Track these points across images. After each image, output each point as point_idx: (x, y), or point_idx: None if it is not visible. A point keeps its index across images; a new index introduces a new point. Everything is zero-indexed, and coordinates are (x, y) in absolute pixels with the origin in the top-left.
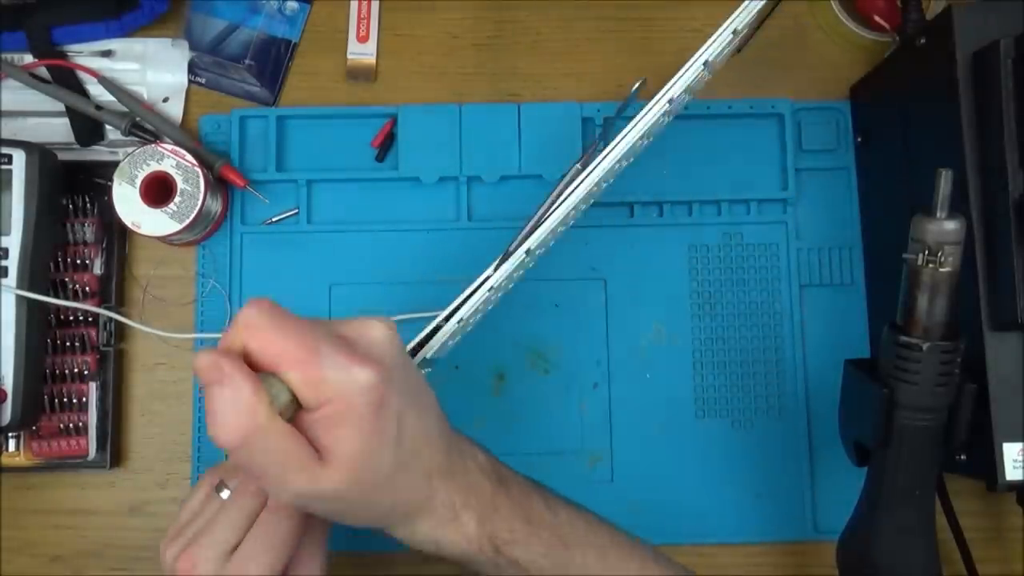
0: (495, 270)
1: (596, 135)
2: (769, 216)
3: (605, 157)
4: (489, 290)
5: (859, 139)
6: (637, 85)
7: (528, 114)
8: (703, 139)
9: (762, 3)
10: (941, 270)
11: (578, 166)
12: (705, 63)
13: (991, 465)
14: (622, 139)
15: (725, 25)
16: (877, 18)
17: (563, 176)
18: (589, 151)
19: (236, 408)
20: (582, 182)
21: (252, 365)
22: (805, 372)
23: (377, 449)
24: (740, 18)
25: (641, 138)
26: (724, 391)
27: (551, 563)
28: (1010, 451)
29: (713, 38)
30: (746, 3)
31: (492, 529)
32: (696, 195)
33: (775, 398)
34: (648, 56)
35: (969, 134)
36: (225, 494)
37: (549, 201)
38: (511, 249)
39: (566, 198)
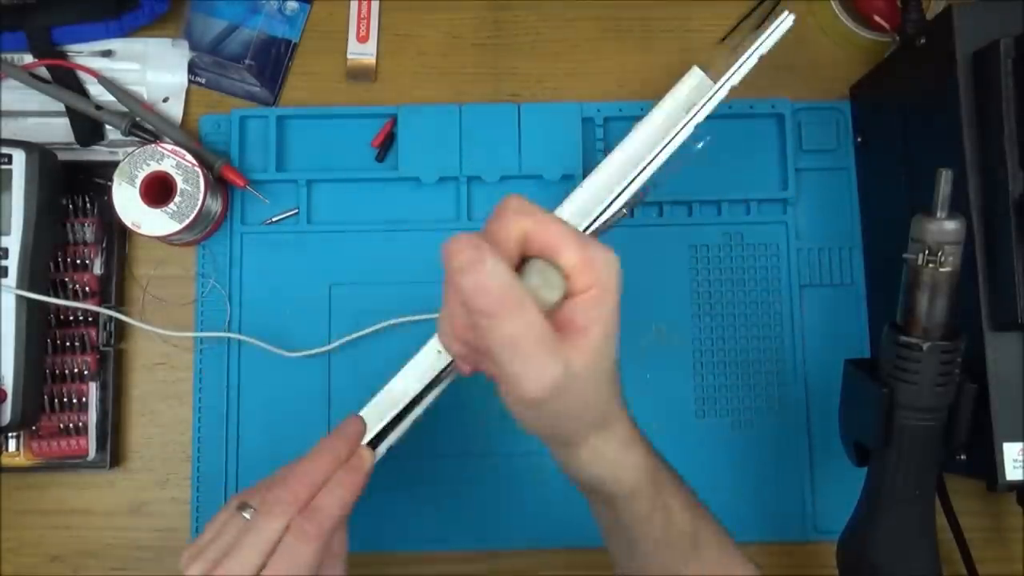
0: None
1: (599, 133)
2: (769, 216)
3: (633, 181)
4: None
5: (859, 139)
6: (701, 144)
7: (528, 114)
8: (704, 146)
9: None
10: (941, 270)
11: (624, 211)
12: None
13: (991, 465)
14: (650, 165)
15: (752, 52)
16: (877, 18)
17: (612, 218)
18: (631, 202)
19: (506, 279)
20: (611, 206)
21: (525, 248)
22: (805, 372)
23: (614, 334)
24: (767, 44)
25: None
26: (724, 391)
27: (689, 518)
28: (1010, 451)
29: (739, 63)
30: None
31: (655, 464)
32: (696, 195)
33: (775, 398)
34: (648, 56)
35: (969, 134)
36: (248, 514)
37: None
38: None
39: (594, 225)
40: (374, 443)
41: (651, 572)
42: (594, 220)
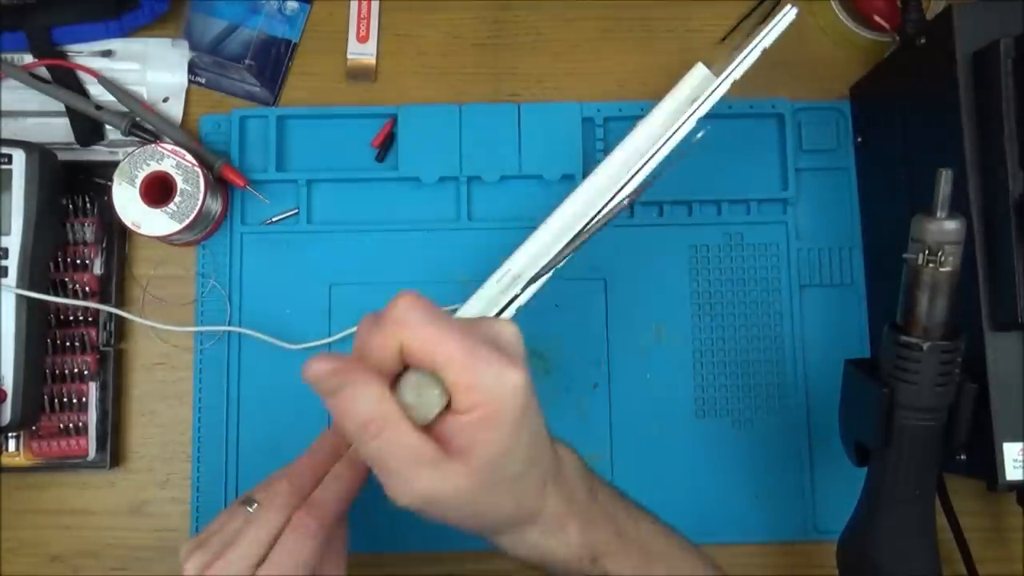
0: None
1: (599, 133)
2: (769, 216)
3: (634, 176)
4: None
5: (859, 139)
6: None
7: (528, 114)
8: (703, 139)
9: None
10: (941, 270)
11: (625, 202)
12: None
13: (991, 465)
14: (652, 159)
15: (755, 46)
16: (877, 18)
17: (609, 212)
18: (632, 195)
19: (369, 404)
20: (610, 203)
21: (404, 360)
22: (805, 372)
23: (512, 451)
24: (769, 38)
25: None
26: (724, 391)
27: None
28: (1010, 451)
29: (740, 58)
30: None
31: (591, 539)
32: (696, 195)
33: (775, 398)
34: (648, 56)
35: (969, 134)
36: (252, 508)
37: (584, 234)
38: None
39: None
40: None
41: None
42: (595, 215)
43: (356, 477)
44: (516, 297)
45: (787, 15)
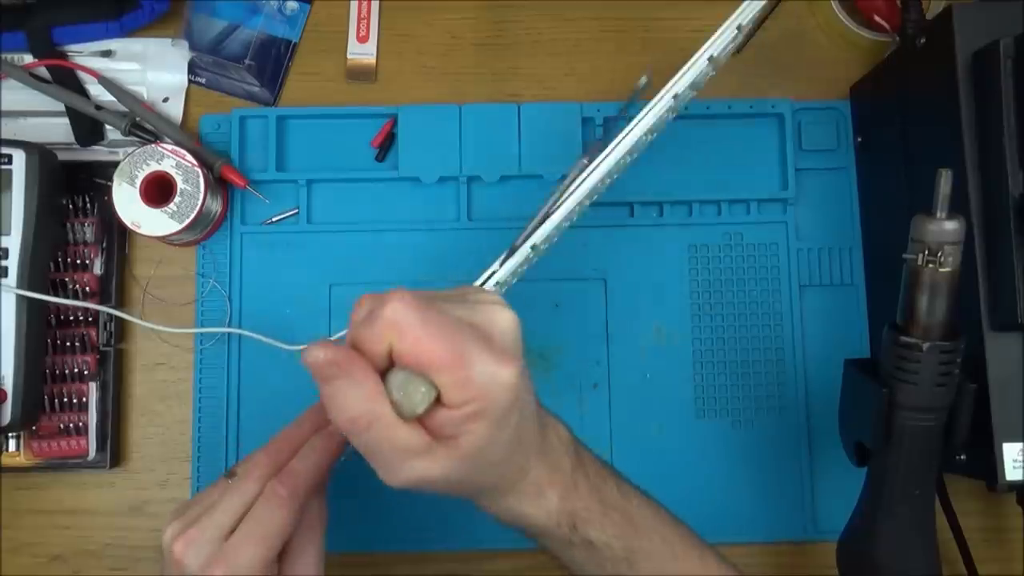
0: (500, 266)
1: (599, 133)
2: (769, 216)
3: (611, 152)
4: (495, 285)
5: (859, 139)
6: (644, 80)
7: (528, 114)
8: (703, 139)
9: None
10: (941, 270)
11: (584, 160)
12: (710, 58)
13: (991, 465)
14: (628, 133)
15: (730, 20)
16: (877, 18)
17: (568, 172)
18: (594, 146)
19: (357, 401)
20: (588, 177)
21: (393, 360)
22: (805, 372)
23: (498, 439)
24: (744, 14)
25: (646, 134)
26: (724, 391)
27: (621, 545)
28: (1010, 451)
29: (718, 33)
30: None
31: (572, 507)
32: (696, 195)
33: (775, 398)
34: (648, 56)
35: (969, 134)
36: (232, 479)
37: (555, 197)
38: (517, 244)
39: (572, 193)
40: None
41: None
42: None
43: (331, 449)
44: (494, 273)
45: None
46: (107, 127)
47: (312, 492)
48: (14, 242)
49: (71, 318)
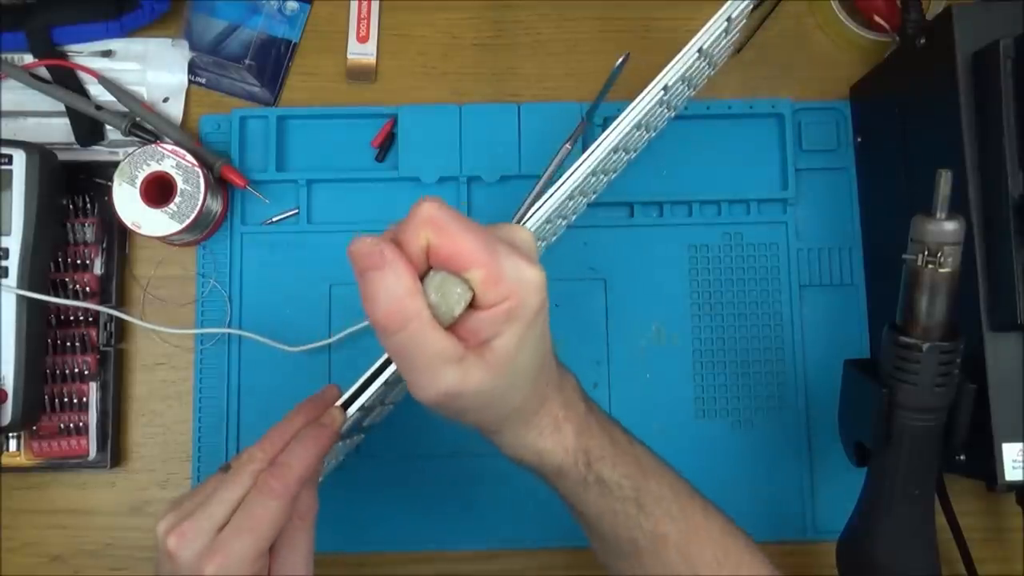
0: None
1: (598, 133)
2: (769, 216)
3: (600, 144)
4: None
5: (859, 139)
6: (619, 60)
7: (528, 114)
8: (703, 139)
9: None
10: (941, 270)
11: (567, 146)
12: (700, 50)
13: (991, 465)
14: (618, 125)
15: (720, 12)
16: (877, 18)
17: (553, 158)
18: (574, 134)
19: (396, 294)
20: (578, 169)
21: (430, 259)
22: (805, 372)
23: (530, 347)
24: (734, 6)
25: (640, 130)
26: (724, 391)
27: (631, 485)
28: (1010, 451)
29: (708, 24)
30: None
31: (586, 444)
32: (696, 195)
33: (775, 398)
34: (648, 56)
35: (969, 134)
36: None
37: (540, 184)
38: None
39: (561, 186)
40: (347, 406)
41: (607, 545)
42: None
43: (322, 440)
44: None
45: None
46: (107, 127)
47: (303, 483)
48: (14, 242)
49: (71, 318)
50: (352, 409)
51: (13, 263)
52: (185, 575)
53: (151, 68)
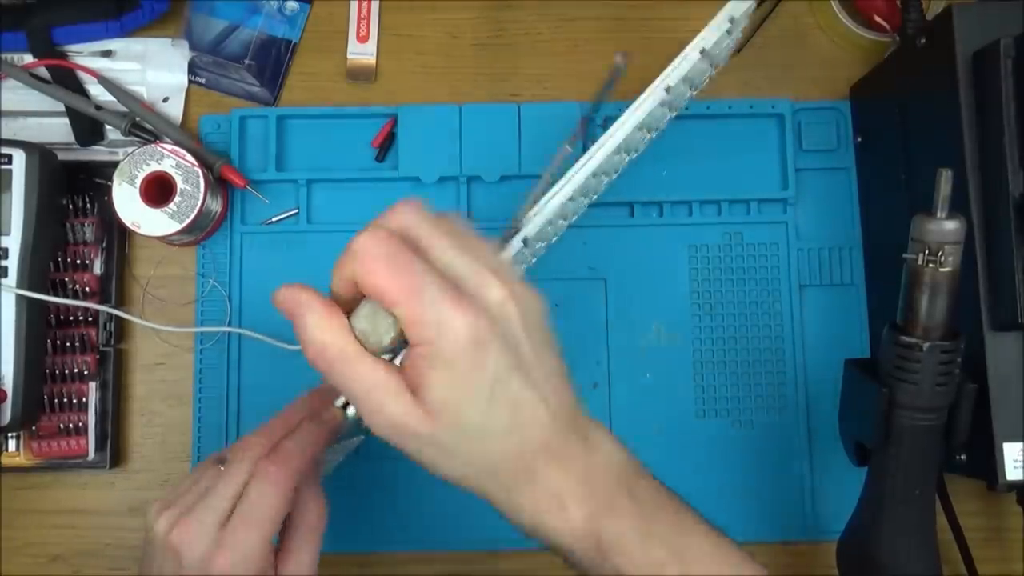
0: None
1: (598, 133)
2: (769, 216)
3: (603, 145)
4: None
5: (859, 139)
6: (618, 59)
7: (528, 114)
8: (703, 139)
9: None
10: (941, 270)
11: (566, 147)
12: (703, 51)
13: (991, 465)
14: (620, 127)
15: (722, 12)
16: (877, 18)
17: (554, 159)
18: (576, 132)
19: (316, 335)
20: (579, 171)
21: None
22: (805, 372)
23: (478, 405)
24: (737, 7)
25: (642, 130)
26: (724, 391)
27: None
28: (1010, 451)
29: (711, 25)
30: None
31: (601, 530)
32: (696, 195)
33: (775, 398)
34: (648, 56)
35: (969, 134)
36: (224, 465)
37: (541, 185)
38: (507, 235)
39: (564, 187)
40: (347, 406)
41: None
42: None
43: (322, 435)
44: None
45: None
46: (107, 127)
47: (302, 472)
48: (14, 242)
49: (71, 318)
50: (351, 411)
51: (13, 263)
52: (191, 575)
53: (151, 68)
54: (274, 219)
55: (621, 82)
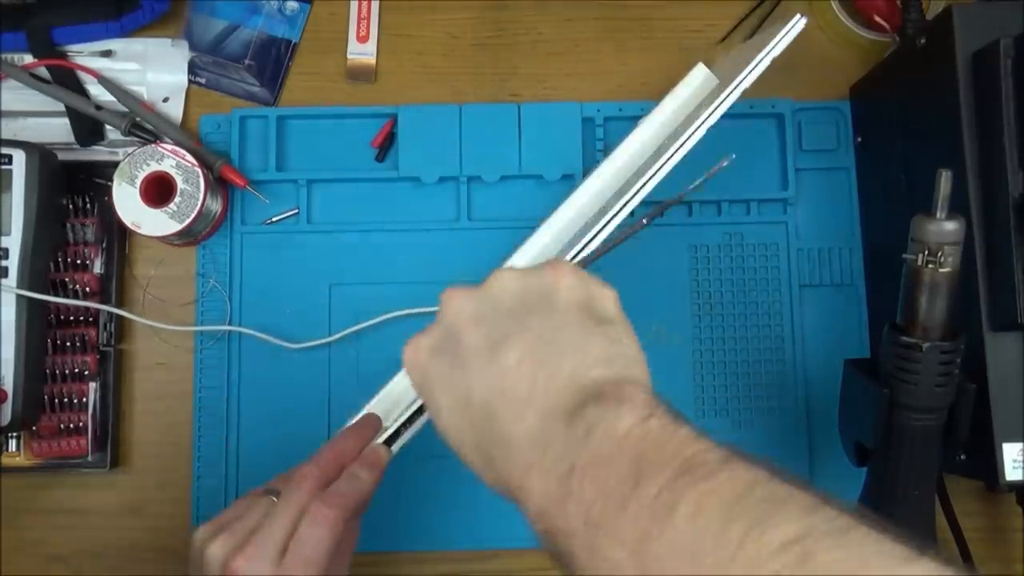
0: None
1: (599, 133)
2: (769, 216)
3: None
4: None
5: (859, 139)
6: (725, 163)
7: (528, 114)
8: (703, 139)
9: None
10: (941, 270)
11: (643, 221)
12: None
13: (991, 465)
14: (658, 171)
15: (763, 54)
16: (877, 18)
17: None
18: (657, 210)
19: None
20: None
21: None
22: (805, 372)
23: (445, 417)
24: (778, 47)
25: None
26: (724, 391)
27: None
28: (1010, 451)
29: (752, 65)
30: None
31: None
32: (696, 195)
33: (775, 398)
34: (648, 56)
35: (969, 134)
36: (275, 498)
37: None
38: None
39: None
40: (388, 442)
41: None
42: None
43: (374, 477)
44: None
45: (796, 25)
46: (107, 127)
47: (353, 516)
48: (14, 242)
49: (71, 318)
50: (396, 447)
51: (13, 263)
52: None
53: (151, 68)
54: (274, 219)
55: (625, 82)
